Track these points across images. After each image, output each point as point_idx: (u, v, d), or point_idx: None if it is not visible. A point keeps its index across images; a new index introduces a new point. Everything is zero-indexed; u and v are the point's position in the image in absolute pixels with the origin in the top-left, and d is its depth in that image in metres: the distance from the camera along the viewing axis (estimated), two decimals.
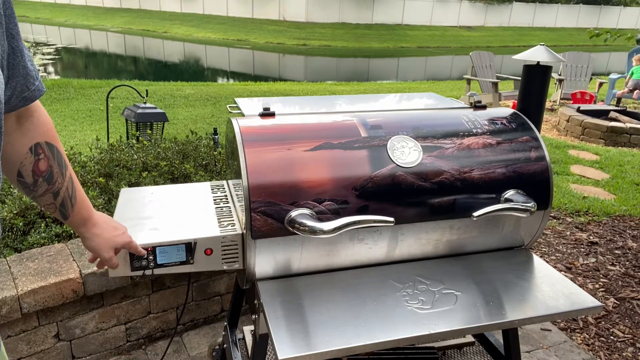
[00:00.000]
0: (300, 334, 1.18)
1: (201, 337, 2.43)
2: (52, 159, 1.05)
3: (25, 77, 0.90)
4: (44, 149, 1.02)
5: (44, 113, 1.05)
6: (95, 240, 1.20)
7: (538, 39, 27.10)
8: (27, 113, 1.00)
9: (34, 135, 1.01)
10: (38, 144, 1.02)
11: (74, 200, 1.12)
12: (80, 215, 1.16)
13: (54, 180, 1.06)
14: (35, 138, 1.01)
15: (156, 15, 30.01)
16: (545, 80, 1.66)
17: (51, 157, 1.04)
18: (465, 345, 2.02)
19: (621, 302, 2.79)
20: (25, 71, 0.89)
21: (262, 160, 1.32)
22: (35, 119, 1.01)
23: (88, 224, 1.18)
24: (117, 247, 1.23)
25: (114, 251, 1.24)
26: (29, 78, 0.91)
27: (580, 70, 9.27)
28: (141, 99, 4.38)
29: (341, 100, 1.89)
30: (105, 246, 1.21)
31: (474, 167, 1.45)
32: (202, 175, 2.81)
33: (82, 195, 1.16)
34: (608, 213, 3.94)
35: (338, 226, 1.24)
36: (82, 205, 1.15)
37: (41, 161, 1.03)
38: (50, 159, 1.04)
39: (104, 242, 1.20)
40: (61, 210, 1.11)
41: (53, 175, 1.05)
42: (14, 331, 1.96)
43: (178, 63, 18.78)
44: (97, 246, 1.20)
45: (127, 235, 1.26)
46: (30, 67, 0.91)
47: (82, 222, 1.17)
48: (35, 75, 0.93)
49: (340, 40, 24.65)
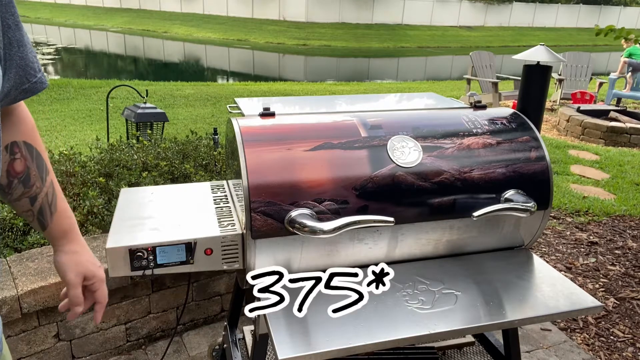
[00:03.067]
0: (300, 334, 1.18)
1: (201, 337, 2.43)
2: (30, 160, 0.98)
3: (24, 68, 0.85)
4: (20, 149, 0.96)
5: (25, 112, 0.98)
6: (69, 258, 1.07)
7: (538, 39, 27.08)
8: (7, 110, 0.94)
9: (11, 133, 0.95)
10: (15, 143, 0.96)
11: (53, 208, 1.03)
12: (60, 227, 1.06)
13: (30, 184, 0.98)
14: (12, 136, 0.95)
15: (156, 15, 29.99)
16: (545, 80, 1.66)
17: (29, 158, 0.97)
18: (465, 345, 2.02)
19: (621, 302, 2.79)
20: (24, 62, 0.85)
21: (262, 160, 1.32)
22: (14, 117, 0.96)
23: (68, 237, 1.07)
24: (87, 275, 1.08)
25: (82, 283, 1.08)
26: (29, 70, 0.87)
27: (580, 70, 9.26)
28: (141, 99, 4.38)
29: (341, 100, 1.89)
30: (75, 268, 1.07)
31: (474, 167, 1.45)
32: (202, 175, 2.81)
33: (65, 206, 1.06)
34: (608, 213, 3.94)
35: (338, 226, 1.24)
36: (64, 216, 1.06)
37: (17, 161, 0.96)
38: (27, 160, 0.97)
39: (76, 263, 1.07)
40: (39, 218, 1.02)
41: (30, 178, 0.98)
42: (14, 331, 1.96)
43: (178, 63, 18.78)
44: (68, 264, 1.06)
45: (102, 271, 1.13)
46: (32, 59, 0.87)
47: (62, 234, 1.06)
48: (37, 68, 0.88)
49: (340, 40, 24.64)
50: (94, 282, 1.10)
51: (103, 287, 1.13)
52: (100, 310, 1.14)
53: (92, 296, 1.12)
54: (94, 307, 1.14)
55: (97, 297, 1.13)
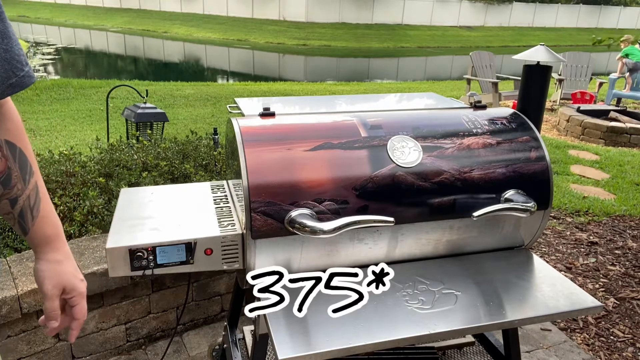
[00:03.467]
0: (300, 334, 1.18)
1: (201, 337, 2.43)
2: (12, 160, 0.92)
3: (9, 61, 0.82)
4: (1, 147, 0.91)
5: (12, 110, 0.93)
6: (50, 267, 0.99)
7: (538, 39, 27.06)
8: None
9: None
10: None
11: (35, 212, 0.96)
12: (42, 233, 0.98)
13: (11, 185, 0.92)
14: None
15: (156, 15, 29.99)
16: (545, 80, 1.66)
17: (10, 157, 0.92)
18: (465, 345, 2.02)
19: (621, 302, 2.79)
20: (9, 55, 0.81)
21: (262, 160, 1.32)
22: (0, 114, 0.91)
23: (52, 244, 1.00)
24: (67, 288, 1.00)
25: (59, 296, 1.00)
26: (15, 63, 0.83)
27: (580, 70, 9.26)
28: (141, 99, 4.38)
29: (341, 100, 1.89)
30: (55, 278, 0.99)
31: (474, 167, 1.45)
32: (202, 175, 2.81)
33: (50, 212, 0.99)
34: (608, 213, 3.94)
35: (338, 226, 1.24)
36: (47, 221, 0.98)
37: None
38: (9, 160, 0.92)
39: (57, 273, 0.99)
40: (20, 222, 0.96)
41: (11, 178, 0.92)
42: (14, 331, 1.96)
43: (178, 63, 18.78)
44: (47, 274, 0.98)
45: (84, 286, 1.04)
46: (17, 52, 0.83)
47: (45, 240, 0.99)
48: (24, 61, 0.85)
49: (340, 40, 24.64)
50: (74, 296, 1.02)
51: (83, 303, 1.03)
52: (76, 329, 1.04)
53: (70, 311, 1.03)
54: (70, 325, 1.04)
55: (74, 312, 1.03)
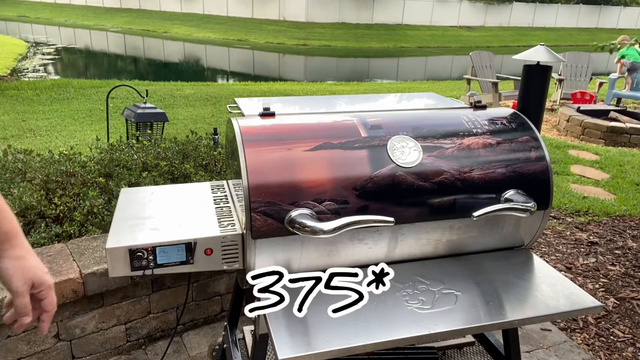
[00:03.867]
0: (300, 334, 1.18)
1: (201, 337, 2.43)
2: None
3: None
4: None
5: None
6: (14, 263, 0.97)
7: (538, 39, 27.06)
8: None
9: None
10: None
11: None
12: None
13: None
14: None
15: (156, 15, 29.99)
16: (545, 80, 1.66)
17: None
18: (465, 345, 2.02)
19: (621, 302, 2.79)
20: None
21: (262, 160, 1.32)
22: None
23: (12, 241, 0.98)
24: (35, 282, 0.99)
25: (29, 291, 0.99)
26: None
27: (580, 70, 9.26)
28: (141, 99, 4.38)
29: (341, 100, 1.89)
30: (22, 275, 0.97)
31: (474, 167, 1.45)
32: (202, 175, 2.81)
33: (3, 208, 0.97)
34: (608, 213, 3.94)
35: (338, 226, 1.24)
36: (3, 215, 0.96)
37: None
38: None
39: (22, 269, 0.97)
40: None
41: None
42: (14, 331, 1.96)
43: (178, 63, 18.78)
44: (13, 271, 0.97)
45: (50, 278, 1.03)
46: None
47: (3, 237, 0.97)
48: None
49: (340, 40, 24.64)
50: (42, 289, 1.01)
51: (51, 295, 1.03)
52: (47, 320, 1.04)
53: (39, 305, 1.02)
54: (40, 317, 1.04)
55: (45, 305, 1.02)
